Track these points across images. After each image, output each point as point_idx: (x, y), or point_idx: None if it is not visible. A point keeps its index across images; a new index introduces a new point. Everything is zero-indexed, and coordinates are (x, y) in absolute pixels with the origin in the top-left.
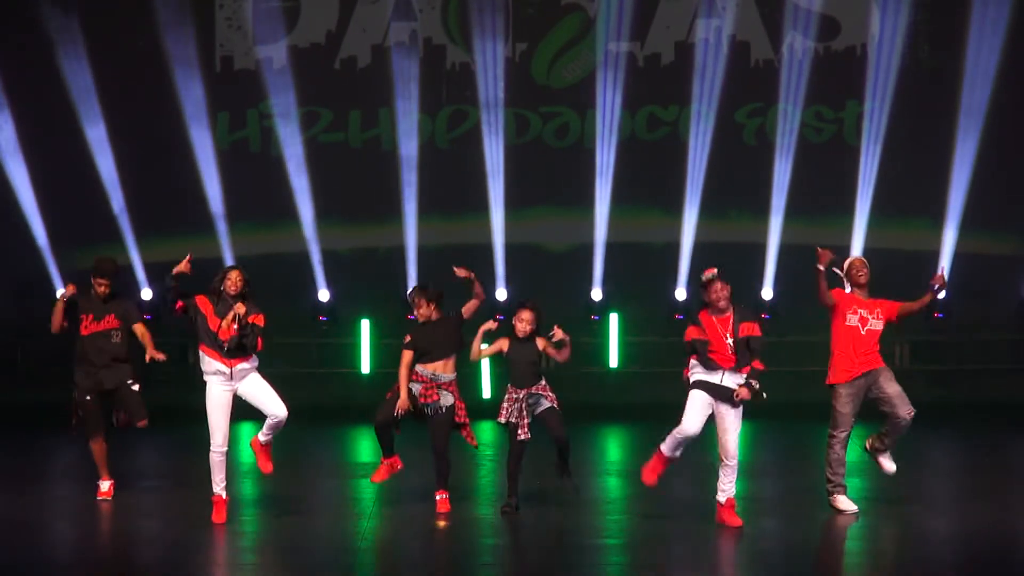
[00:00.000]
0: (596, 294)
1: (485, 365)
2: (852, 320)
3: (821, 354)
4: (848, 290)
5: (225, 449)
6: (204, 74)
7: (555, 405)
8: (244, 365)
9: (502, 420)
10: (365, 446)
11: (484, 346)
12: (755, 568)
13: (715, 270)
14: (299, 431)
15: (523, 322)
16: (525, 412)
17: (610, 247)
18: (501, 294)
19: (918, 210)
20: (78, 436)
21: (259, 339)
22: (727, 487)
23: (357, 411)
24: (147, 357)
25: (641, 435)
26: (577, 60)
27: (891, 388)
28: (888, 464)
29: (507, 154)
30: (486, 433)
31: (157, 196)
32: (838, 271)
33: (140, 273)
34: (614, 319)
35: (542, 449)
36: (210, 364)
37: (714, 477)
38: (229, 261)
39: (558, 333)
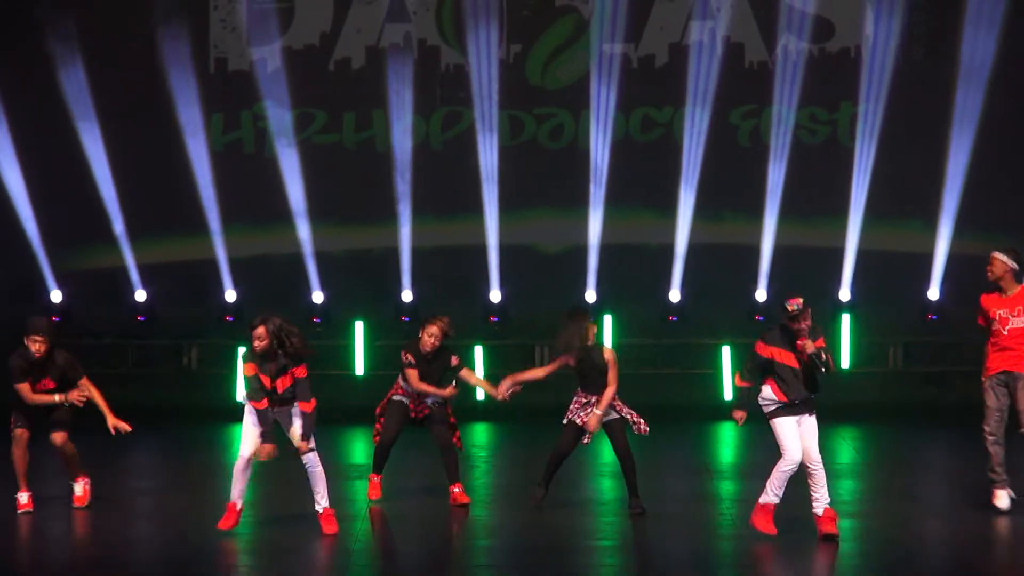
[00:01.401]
0: (590, 296)
1: (479, 365)
2: (994, 325)
3: None
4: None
5: (249, 459)
6: (198, 75)
7: (624, 416)
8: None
9: (565, 420)
10: (359, 448)
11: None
12: (746, 568)
13: (800, 300)
14: None
15: (594, 327)
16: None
17: (604, 248)
18: (496, 296)
19: (912, 211)
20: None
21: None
22: (820, 494)
23: (351, 413)
24: (111, 427)
25: (636, 437)
26: (571, 61)
27: (1022, 401)
28: (1001, 502)
29: (501, 155)
30: (480, 435)
31: (151, 197)
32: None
33: (134, 274)
34: (608, 321)
35: (539, 453)
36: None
37: (706, 480)
38: (223, 262)
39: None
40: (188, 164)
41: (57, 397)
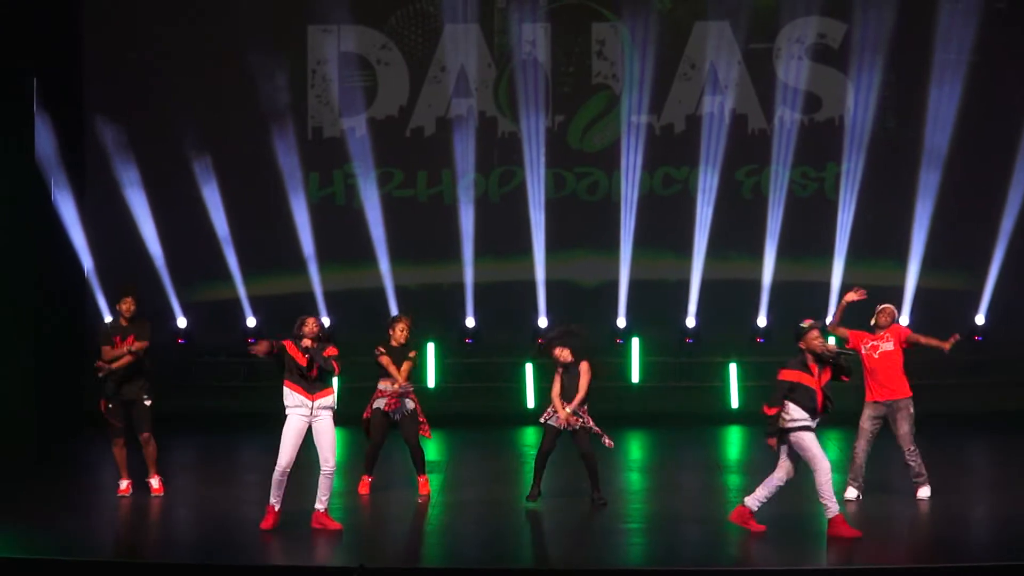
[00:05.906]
0: (621, 322)
1: (529, 379)
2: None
3: None
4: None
5: (287, 471)
6: (298, 141)
7: (590, 427)
8: (323, 402)
9: (543, 420)
10: (431, 447)
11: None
12: (756, 546)
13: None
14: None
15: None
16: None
17: (632, 283)
18: (543, 322)
19: (885, 252)
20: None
21: (335, 364)
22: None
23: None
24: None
25: (658, 439)
26: (605, 129)
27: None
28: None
29: (547, 207)
30: (530, 436)
31: (260, 241)
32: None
33: (245, 304)
34: (636, 342)
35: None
36: (293, 398)
37: (715, 475)
38: (319, 294)
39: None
40: (290, 214)
41: (125, 348)
